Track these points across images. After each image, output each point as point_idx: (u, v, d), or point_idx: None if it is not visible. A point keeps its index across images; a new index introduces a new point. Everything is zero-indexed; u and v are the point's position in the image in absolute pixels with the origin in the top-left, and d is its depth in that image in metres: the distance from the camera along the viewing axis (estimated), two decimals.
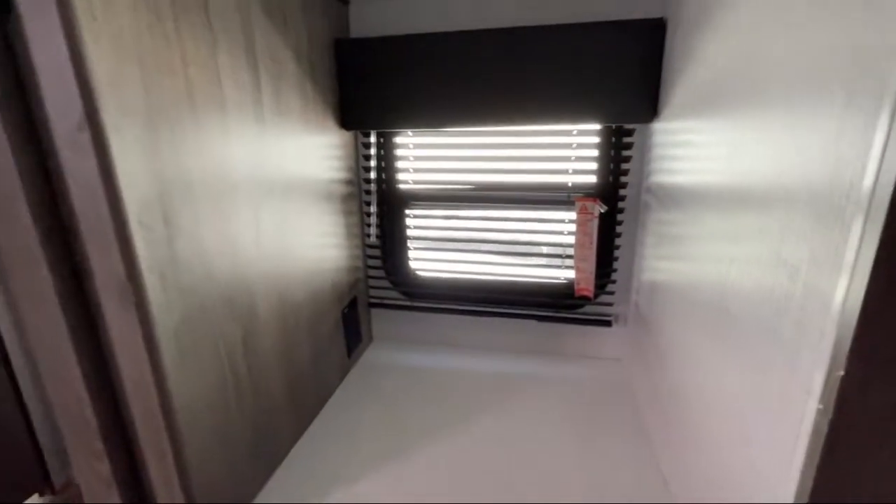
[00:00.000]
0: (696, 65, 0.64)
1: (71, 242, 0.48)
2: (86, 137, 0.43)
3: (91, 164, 0.44)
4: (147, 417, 0.53)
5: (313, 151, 0.85)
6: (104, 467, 0.54)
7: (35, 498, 0.55)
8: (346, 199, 0.99)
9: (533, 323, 1.04)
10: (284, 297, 0.77)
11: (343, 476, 0.74)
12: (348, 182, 0.99)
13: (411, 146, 1.01)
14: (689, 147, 0.66)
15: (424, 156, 1.04)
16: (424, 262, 1.11)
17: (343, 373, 1.02)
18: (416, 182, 1.04)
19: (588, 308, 1.02)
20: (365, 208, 1.06)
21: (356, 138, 1.02)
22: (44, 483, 0.54)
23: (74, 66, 0.41)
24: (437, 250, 1.09)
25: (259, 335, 0.70)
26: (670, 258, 0.73)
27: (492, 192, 1.00)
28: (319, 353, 0.90)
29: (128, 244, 0.47)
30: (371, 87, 0.92)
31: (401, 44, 0.89)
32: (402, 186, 1.05)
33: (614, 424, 0.84)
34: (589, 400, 0.91)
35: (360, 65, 0.91)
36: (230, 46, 0.61)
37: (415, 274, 1.11)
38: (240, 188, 0.64)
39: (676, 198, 0.71)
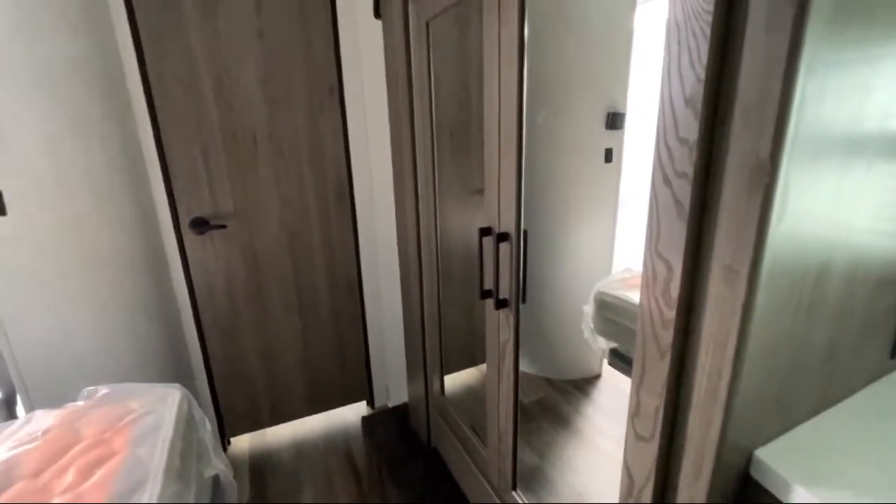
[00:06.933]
0: None
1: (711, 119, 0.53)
2: (788, 12, 0.45)
3: (781, 39, 0.45)
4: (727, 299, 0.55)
5: None
6: (667, 336, 0.61)
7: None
8: None
9: None
10: (855, 259, 0.63)
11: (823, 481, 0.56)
12: None
13: None
14: None
15: None
16: None
17: (880, 371, 0.77)
18: None
19: None
20: None
21: None
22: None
23: None
24: None
25: (825, 285, 0.60)
26: None
27: None
28: (861, 335, 0.71)
29: (782, 125, 0.47)
30: None
31: None
32: None
33: None
34: None
35: None
36: None
37: None
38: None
39: None
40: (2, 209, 1.19)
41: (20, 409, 1.71)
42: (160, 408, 1.04)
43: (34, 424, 0.98)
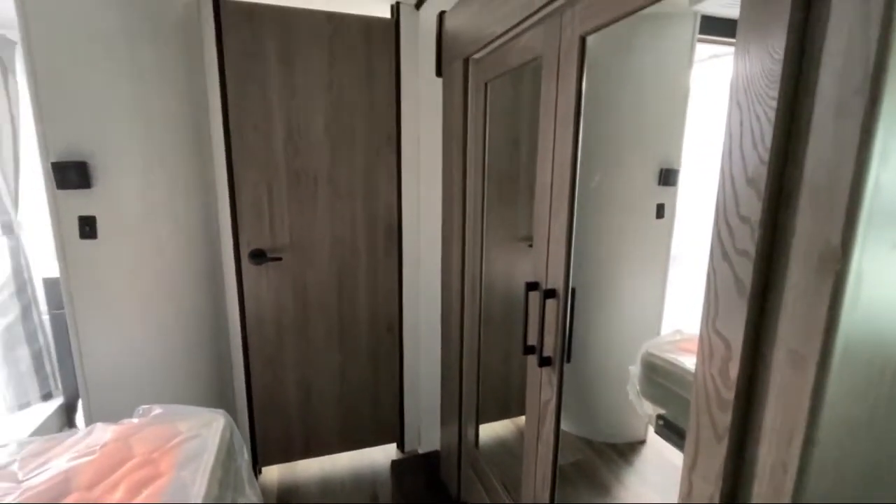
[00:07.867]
0: None
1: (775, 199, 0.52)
2: (859, 101, 0.44)
3: (852, 126, 0.45)
4: (795, 383, 0.51)
5: None
6: (724, 418, 0.58)
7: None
8: None
9: None
10: None
11: None
12: None
13: None
14: None
15: None
16: None
17: None
18: None
19: None
20: None
21: None
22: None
23: (882, 23, 0.42)
24: None
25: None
26: None
27: None
28: None
29: (854, 212, 0.45)
30: None
31: None
32: None
33: None
34: None
35: None
36: None
37: None
38: None
39: None
40: (94, 234, 1.33)
41: (79, 415, 1.82)
42: (205, 433, 1.08)
43: (94, 437, 1.05)
